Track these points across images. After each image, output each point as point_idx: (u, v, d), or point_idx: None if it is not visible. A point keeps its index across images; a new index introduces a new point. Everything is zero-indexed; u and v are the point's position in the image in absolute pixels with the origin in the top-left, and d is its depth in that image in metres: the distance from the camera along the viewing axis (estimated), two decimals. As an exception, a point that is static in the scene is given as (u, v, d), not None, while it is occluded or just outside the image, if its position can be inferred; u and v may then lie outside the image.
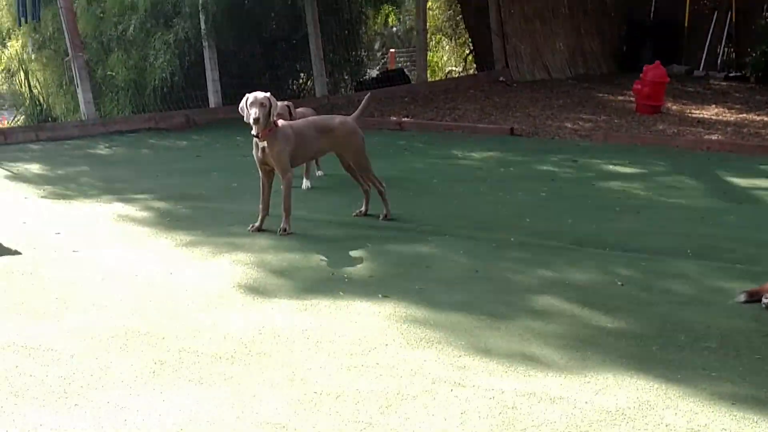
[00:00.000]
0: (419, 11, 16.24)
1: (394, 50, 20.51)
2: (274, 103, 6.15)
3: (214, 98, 12.58)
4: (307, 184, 7.90)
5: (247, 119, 6.10)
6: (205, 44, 12.41)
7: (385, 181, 6.93)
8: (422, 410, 3.62)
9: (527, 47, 16.72)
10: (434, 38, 20.50)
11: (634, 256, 5.88)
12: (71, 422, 3.50)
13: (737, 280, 5.33)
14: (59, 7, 11.92)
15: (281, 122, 6.36)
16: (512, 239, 6.26)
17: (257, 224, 6.41)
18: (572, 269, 5.59)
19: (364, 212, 6.86)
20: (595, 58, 17.64)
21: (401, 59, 20.25)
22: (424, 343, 4.34)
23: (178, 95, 12.62)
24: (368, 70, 17.68)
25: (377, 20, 18.12)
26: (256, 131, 6.16)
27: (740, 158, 9.76)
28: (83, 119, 11.73)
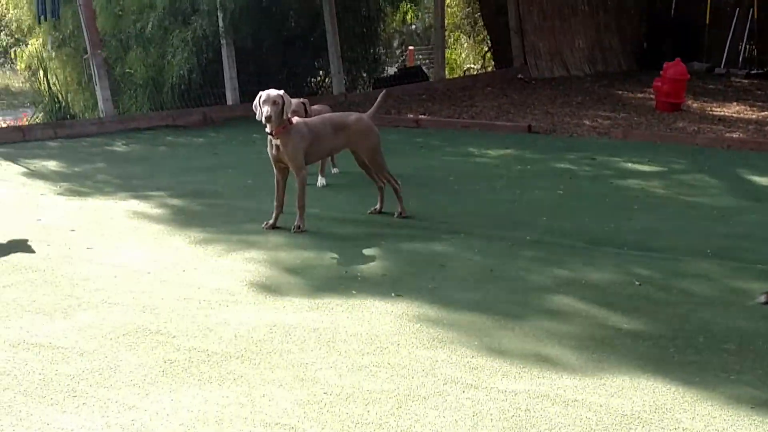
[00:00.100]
0: (437, 8, 16.16)
1: (412, 48, 20.46)
2: (287, 100, 6.10)
3: (231, 96, 12.55)
4: (322, 181, 7.85)
5: (258, 117, 6.06)
6: (223, 42, 12.38)
7: (400, 178, 6.87)
8: (433, 412, 3.56)
9: (546, 44, 16.58)
10: (452, 35, 20.44)
11: (652, 255, 5.79)
12: (78, 421, 3.46)
13: (758, 280, 5.23)
14: (78, 5, 11.93)
15: (296, 119, 6.30)
16: (528, 238, 6.18)
17: (271, 221, 6.37)
18: (589, 269, 5.51)
19: (378, 210, 6.80)
20: (614, 55, 17.47)
21: (420, 56, 20.21)
22: (436, 343, 4.28)
23: (195, 93, 12.60)
24: (387, 67, 17.62)
25: (395, 18, 18.06)
26: (269, 129, 6.11)
27: (762, 156, 9.61)
28: (101, 117, 11.74)
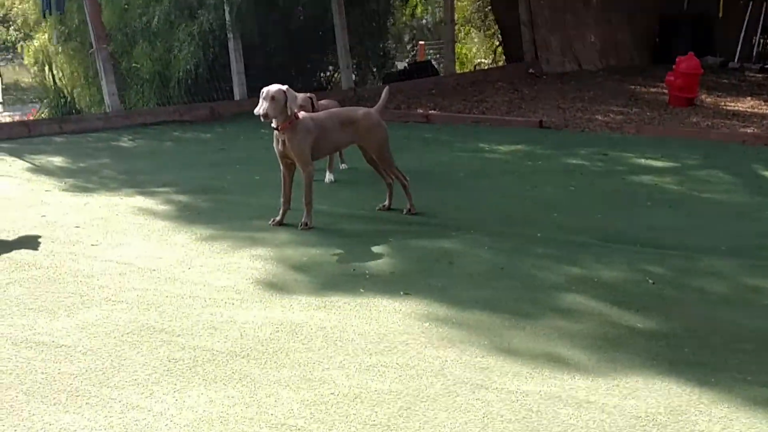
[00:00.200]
0: (447, 2, 16.04)
1: (423, 42, 20.36)
2: (291, 95, 6.04)
3: (239, 90, 12.50)
4: (330, 177, 7.80)
5: (256, 113, 6.01)
6: (230, 36, 12.32)
7: (409, 174, 6.81)
8: (443, 413, 3.51)
9: (557, 39, 16.48)
10: (463, 30, 20.33)
11: (665, 253, 5.72)
12: (81, 421, 3.42)
13: (773, 278, 5.17)
14: (83, -2, 11.91)
15: (302, 114, 6.26)
16: (539, 235, 6.12)
17: (278, 218, 6.32)
18: (601, 266, 5.44)
19: (387, 206, 6.75)
20: (627, 49, 17.34)
21: (431, 51, 20.10)
22: (445, 342, 4.23)
23: (202, 87, 12.57)
24: (397, 62, 17.55)
25: (405, 12, 17.97)
26: (275, 124, 6.07)
27: (776, 152, 9.53)
28: (107, 111, 11.72)
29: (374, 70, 15.56)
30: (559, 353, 4.10)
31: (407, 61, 18.49)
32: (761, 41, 16.85)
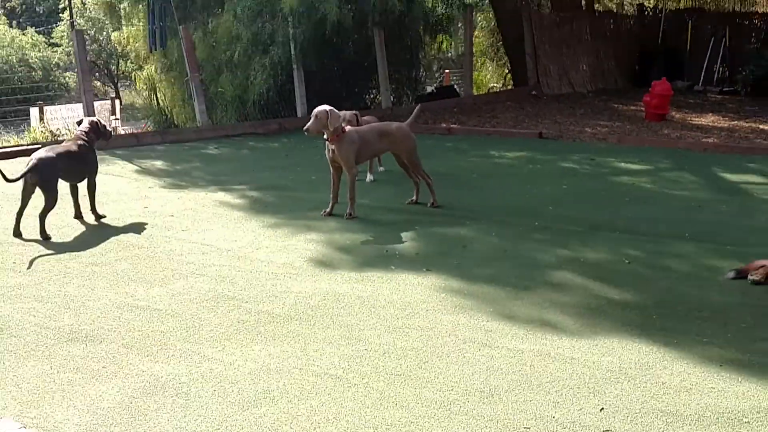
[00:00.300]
0: (467, 39, 15.90)
1: (448, 71, 20.21)
2: (333, 115, 5.96)
3: (300, 109, 12.42)
4: (370, 177, 7.73)
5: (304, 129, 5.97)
6: (294, 66, 12.27)
7: (433, 175, 6.72)
8: (454, 366, 3.45)
9: (555, 67, 16.23)
10: (479, 60, 20.12)
11: (640, 238, 5.58)
12: (167, 369, 3.41)
13: (728, 259, 5.01)
14: (180, 37, 11.96)
15: (348, 128, 6.20)
16: (537, 224, 6.01)
17: (328, 210, 6.28)
18: (587, 249, 5.33)
19: (414, 201, 6.67)
20: (612, 75, 17.04)
21: (454, 78, 19.93)
22: (458, 309, 4.16)
23: (272, 107, 12.55)
24: (427, 86, 17.43)
25: (433, 47, 17.78)
26: (325, 136, 6.03)
27: (732, 157, 9.25)
28: (198, 126, 11.75)
29: (408, 92, 15.44)
30: (550, 319, 4.02)
31: (435, 85, 18.33)
32: (720, 69, 16.71)
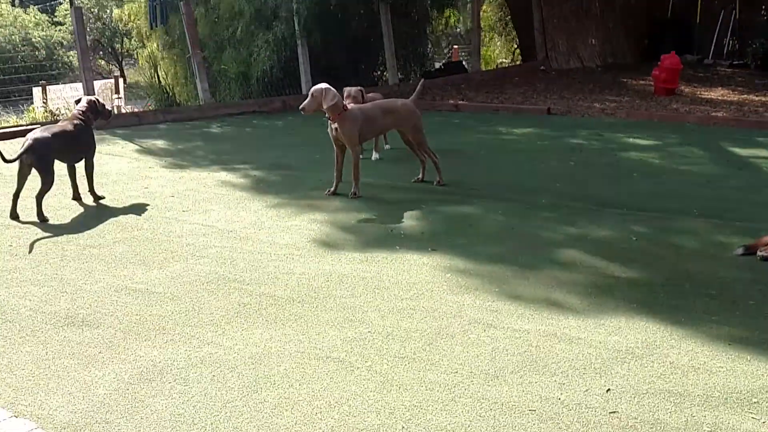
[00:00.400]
0: (474, 14, 15.73)
1: (457, 47, 20.03)
2: (328, 93, 5.89)
3: (305, 87, 12.28)
4: (376, 155, 7.67)
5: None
6: (298, 42, 12.17)
7: (440, 152, 6.66)
8: (459, 347, 3.40)
9: (564, 41, 16.03)
10: (488, 35, 19.92)
11: (647, 215, 5.51)
12: (166, 354, 3.38)
13: (736, 235, 4.93)
14: (182, 14, 11.85)
15: (351, 106, 6.13)
16: (544, 201, 5.94)
17: (332, 189, 6.23)
18: (593, 226, 5.26)
19: (420, 179, 6.60)
20: (621, 49, 16.80)
21: (462, 53, 19.76)
22: (463, 289, 4.11)
23: (276, 84, 12.46)
24: (435, 62, 17.28)
25: (441, 21, 17.59)
26: (327, 114, 5.96)
27: (741, 132, 9.14)
28: (201, 104, 11.68)
29: (415, 69, 15.30)
30: (556, 298, 3.96)
31: (443, 61, 18.17)
32: (730, 42, 16.44)
